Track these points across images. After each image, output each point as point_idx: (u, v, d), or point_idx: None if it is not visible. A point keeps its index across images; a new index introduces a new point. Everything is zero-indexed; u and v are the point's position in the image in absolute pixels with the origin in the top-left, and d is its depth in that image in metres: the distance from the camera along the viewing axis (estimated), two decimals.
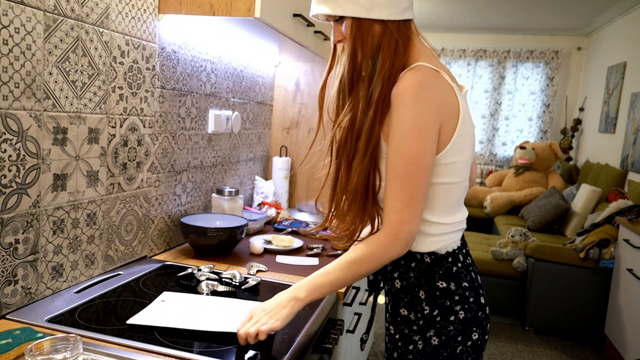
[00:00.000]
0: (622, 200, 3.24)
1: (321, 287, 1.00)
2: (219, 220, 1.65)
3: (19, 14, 0.97)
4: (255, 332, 0.94)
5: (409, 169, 0.94)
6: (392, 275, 1.08)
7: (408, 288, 1.05)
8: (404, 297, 1.06)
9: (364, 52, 1.01)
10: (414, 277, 1.04)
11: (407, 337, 1.05)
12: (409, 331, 1.05)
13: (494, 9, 4.75)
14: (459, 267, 1.05)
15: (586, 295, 3.19)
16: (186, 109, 1.61)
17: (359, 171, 1.02)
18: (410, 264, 1.05)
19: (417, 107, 0.93)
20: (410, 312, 1.05)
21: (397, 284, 1.07)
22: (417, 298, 1.04)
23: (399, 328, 1.07)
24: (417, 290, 1.04)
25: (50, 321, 1.00)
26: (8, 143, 0.97)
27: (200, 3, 1.36)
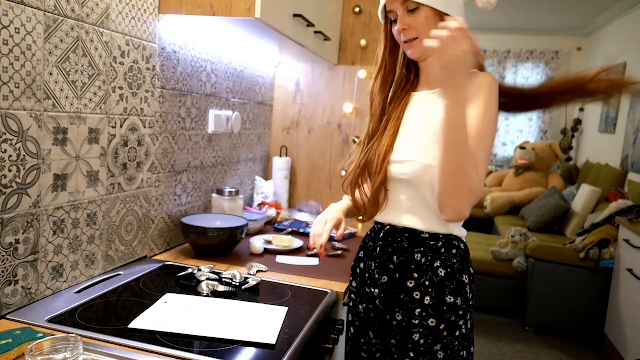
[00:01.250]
0: (622, 200, 3.24)
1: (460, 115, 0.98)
2: (219, 220, 1.65)
3: (19, 14, 0.97)
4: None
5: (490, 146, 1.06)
6: (431, 265, 1.10)
7: (453, 274, 1.10)
8: (450, 284, 1.10)
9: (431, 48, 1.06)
10: (458, 263, 1.12)
11: (454, 324, 1.09)
12: (456, 317, 1.09)
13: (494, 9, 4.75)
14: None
15: (586, 295, 3.19)
16: (186, 109, 1.61)
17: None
18: (451, 250, 1.12)
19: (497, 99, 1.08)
20: (457, 298, 1.10)
21: (440, 272, 1.10)
22: (462, 282, 1.11)
23: (445, 317, 1.09)
24: (461, 274, 1.11)
25: (50, 321, 1.00)
26: (8, 143, 0.97)
27: (200, 3, 1.36)
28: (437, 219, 1.11)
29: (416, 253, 1.12)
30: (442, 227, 1.11)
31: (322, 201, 2.35)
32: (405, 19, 1.09)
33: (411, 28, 1.09)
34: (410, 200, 1.14)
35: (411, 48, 1.12)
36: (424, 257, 1.11)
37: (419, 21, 1.08)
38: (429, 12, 1.07)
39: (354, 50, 2.25)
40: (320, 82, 2.32)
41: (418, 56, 1.13)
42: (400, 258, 1.14)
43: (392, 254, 1.15)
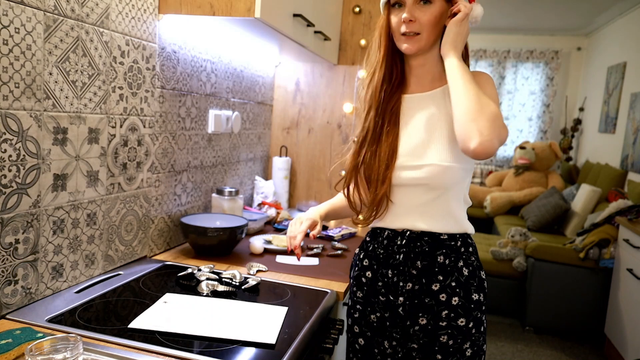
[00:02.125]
0: (622, 200, 3.24)
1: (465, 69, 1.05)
2: (219, 220, 1.65)
3: (19, 14, 0.97)
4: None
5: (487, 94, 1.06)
6: (457, 265, 1.11)
7: (474, 272, 1.12)
8: (473, 282, 1.11)
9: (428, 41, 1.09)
10: (476, 260, 1.14)
11: (480, 321, 1.12)
12: (481, 313, 1.12)
13: (494, 9, 4.75)
14: None
15: (586, 295, 3.19)
16: (186, 109, 1.61)
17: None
18: (468, 249, 1.13)
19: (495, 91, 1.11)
20: (480, 295, 1.12)
21: (464, 271, 1.11)
22: (482, 279, 1.14)
23: (474, 314, 1.10)
24: (480, 271, 1.14)
25: (50, 321, 1.00)
26: (8, 143, 0.97)
27: (200, 3, 1.36)
28: (452, 220, 1.12)
29: (439, 256, 1.11)
30: (457, 227, 1.13)
31: (322, 201, 2.34)
32: (415, 10, 1.06)
33: (417, 22, 1.06)
34: (426, 204, 1.11)
35: (408, 43, 1.08)
36: (447, 258, 1.11)
37: (427, 17, 1.05)
38: (444, 7, 1.06)
39: (354, 50, 2.25)
40: (320, 82, 2.32)
41: (413, 52, 1.09)
42: (423, 262, 1.11)
43: (415, 259, 1.11)
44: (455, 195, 1.13)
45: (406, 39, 1.08)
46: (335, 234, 1.89)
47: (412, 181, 1.11)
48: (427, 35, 1.07)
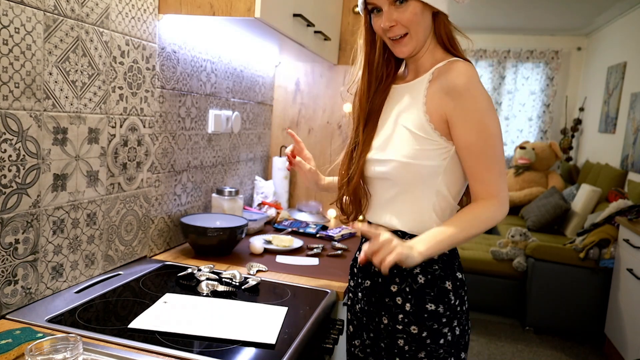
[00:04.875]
0: (622, 200, 3.24)
1: (440, 243, 0.99)
2: (219, 220, 1.65)
3: (19, 14, 0.97)
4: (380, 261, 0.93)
5: (493, 143, 1.03)
6: (411, 272, 1.06)
7: (434, 281, 1.06)
8: (430, 292, 1.06)
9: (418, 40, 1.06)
10: (440, 269, 1.07)
11: (437, 332, 1.05)
12: (439, 325, 1.05)
13: (494, 9, 4.75)
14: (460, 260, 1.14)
15: (586, 295, 3.19)
16: (186, 109, 1.61)
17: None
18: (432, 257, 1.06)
19: (482, 89, 1.03)
20: (439, 306, 1.05)
21: (420, 279, 1.06)
22: (444, 290, 1.06)
23: (427, 325, 1.05)
24: (444, 281, 1.06)
25: (50, 321, 1.00)
26: (8, 143, 0.97)
27: (200, 3, 1.36)
28: (419, 219, 1.08)
29: None
30: (423, 228, 1.05)
31: (322, 201, 2.35)
32: (392, 14, 1.03)
33: (399, 24, 1.03)
34: (392, 199, 1.11)
35: (401, 46, 1.06)
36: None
37: (408, 16, 1.02)
38: (418, 7, 1.01)
39: (354, 50, 2.25)
40: (320, 82, 2.32)
41: (406, 55, 1.08)
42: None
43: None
44: (425, 194, 1.07)
45: (395, 43, 1.07)
46: (335, 234, 1.89)
47: (380, 174, 1.12)
48: (414, 32, 1.04)
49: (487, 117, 1.02)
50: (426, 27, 1.05)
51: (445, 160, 1.05)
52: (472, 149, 1.02)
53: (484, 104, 1.01)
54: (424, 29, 1.05)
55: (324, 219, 2.20)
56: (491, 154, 1.02)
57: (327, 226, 2.02)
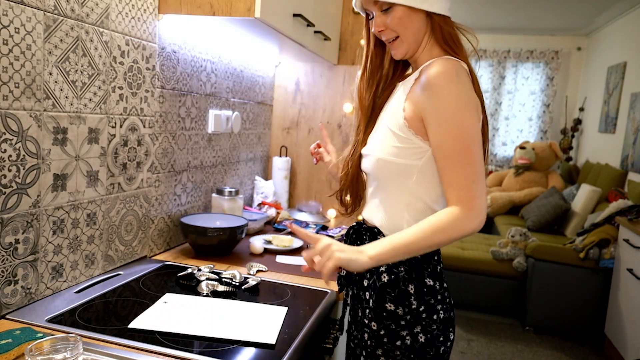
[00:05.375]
0: (622, 200, 3.24)
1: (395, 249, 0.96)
2: (219, 220, 1.65)
3: (19, 14, 0.97)
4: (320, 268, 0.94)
5: (465, 145, 0.96)
6: (378, 270, 1.06)
7: (397, 282, 1.04)
8: (391, 292, 1.05)
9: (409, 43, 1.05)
10: (405, 272, 1.04)
11: (394, 333, 1.04)
12: (396, 326, 1.04)
13: (494, 9, 4.75)
14: (441, 266, 1.09)
15: (586, 295, 3.19)
16: (186, 109, 1.61)
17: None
18: None
19: (457, 87, 0.97)
20: (398, 307, 1.04)
21: (384, 277, 1.06)
22: (406, 293, 1.04)
23: (385, 324, 1.05)
24: (407, 284, 1.04)
25: (50, 321, 1.00)
26: (8, 143, 0.97)
27: (200, 3, 1.36)
28: (391, 218, 1.07)
29: None
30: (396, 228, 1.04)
31: (322, 201, 2.35)
32: (380, 19, 1.05)
33: (388, 29, 1.05)
34: (372, 195, 1.13)
35: (394, 49, 1.08)
36: None
37: (393, 21, 1.03)
38: (403, 10, 1.02)
39: (354, 50, 2.25)
40: (320, 82, 2.32)
41: (401, 57, 1.08)
42: None
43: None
44: (399, 193, 1.06)
45: (390, 45, 1.09)
46: (335, 234, 1.89)
47: (364, 169, 1.15)
48: (404, 36, 1.05)
49: (459, 116, 0.96)
50: (417, 29, 1.04)
51: (419, 160, 1.03)
52: (442, 150, 0.98)
53: (457, 103, 0.96)
54: (413, 32, 1.04)
55: (324, 219, 2.20)
56: (463, 157, 0.96)
57: (327, 226, 2.02)
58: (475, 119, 0.98)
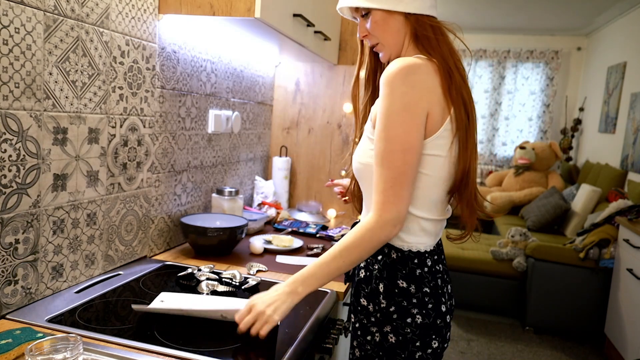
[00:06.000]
0: (622, 200, 3.24)
1: (318, 279, 1.00)
2: (219, 220, 1.65)
3: (19, 14, 0.97)
4: (256, 332, 0.95)
5: (390, 149, 0.94)
6: (359, 265, 1.10)
7: (370, 279, 1.06)
8: (365, 288, 1.07)
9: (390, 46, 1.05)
10: (377, 270, 1.05)
11: (366, 328, 1.06)
12: (367, 322, 1.06)
13: (494, 9, 4.75)
14: (424, 271, 1.04)
15: (586, 295, 3.19)
16: (186, 109, 1.61)
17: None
18: (377, 256, 1.06)
19: (401, 89, 0.94)
20: (369, 304, 1.06)
21: (361, 273, 1.09)
22: (375, 290, 1.05)
23: (359, 317, 1.08)
24: (377, 282, 1.05)
25: (50, 321, 1.00)
26: (8, 143, 0.97)
27: (200, 3, 1.36)
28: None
29: None
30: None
31: (322, 201, 2.35)
32: (362, 24, 1.06)
33: (370, 34, 1.06)
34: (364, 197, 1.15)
35: (379, 53, 1.10)
36: None
37: (372, 26, 1.04)
38: (379, 14, 1.02)
39: (354, 50, 2.25)
40: (320, 82, 2.32)
41: (386, 61, 1.08)
42: None
43: None
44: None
45: (375, 49, 1.10)
46: (335, 234, 1.89)
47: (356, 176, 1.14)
48: (383, 40, 1.05)
49: (392, 119, 0.94)
50: (395, 31, 1.03)
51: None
52: (374, 149, 0.97)
53: (394, 105, 0.94)
54: (392, 35, 1.04)
55: (324, 219, 2.20)
56: (385, 160, 0.94)
57: (327, 226, 2.02)
58: (413, 123, 0.94)
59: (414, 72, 0.94)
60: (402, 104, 0.94)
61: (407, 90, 0.94)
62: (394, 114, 0.94)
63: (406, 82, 0.94)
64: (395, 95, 0.94)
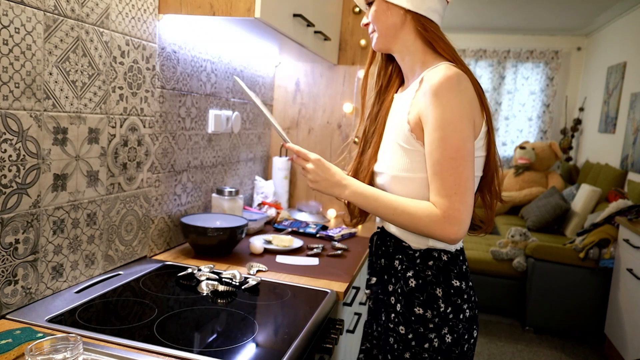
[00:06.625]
0: (622, 200, 3.24)
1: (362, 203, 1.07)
2: (219, 220, 1.65)
3: (19, 14, 0.97)
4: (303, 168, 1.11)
5: (451, 155, 0.96)
6: (404, 275, 1.08)
7: (425, 286, 1.06)
8: (420, 296, 1.06)
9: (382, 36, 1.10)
10: (432, 276, 1.06)
11: (423, 336, 1.05)
12: (425, 329, 1.05)
13: (494, 9, 4.75)
14: (467, 265, 1.11)
15: (586, 295, 3.19)
16: (186, 109, 1.61)
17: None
18: (427, 262, 1.07)
19: (454, 98, 0.97)
20: (427, 311, 1.05)
21: (411, 282, 1.07)
22: (434, 296, 1.05)
23: (414, 327, 1.06)
24: (435, 288, 1.05)
25: (50, 321, 1.00)
26: (8, 143, 0.97)
27: (200, 3, 1.36)
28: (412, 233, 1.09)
29: (396, 259, 1.12)
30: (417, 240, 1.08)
31: (322, 201, 2.35)
32: (367, 13, 1.13)
33: (370, 22, 1.12)
34: None
35: (372, 41, 1.15)
36: (401, 264, 1.10)
37: (372, 14, 1.10)
38: (380, 4, 1.08)
39: (354, 50, 2.25)
40: (320, 82, 2.32)
41: (377, 49, 1.15)
42: (386, 262, 1.15)
43: (380, 257, 1.17)
44: None
45: (370, 37, 1.16)
46: (335, 234, 1.89)
47: (380, 186, 1.14)
48: (378, 28, 1.10)
49: (452, 127, 0.96)
50: (390, 24, 1.08)
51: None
52: (432, 156, 0.98)
53: (453, 113, 0.96)
54: (387, 26, 1.09)
55: (324, 219, 2.20)
56: (448, 167, 0.96)
57: (327, 226, 2.02)
58: (468, 132, 0.98)
59: (461, 82, 0.98)
60: (459, 112, 0.97)
61: (462, 98, 0.97)
62: (453, 122, 0.96)
63: (459, 89, 0.98)
64: (452, 103, 0.97)
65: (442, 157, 0.97)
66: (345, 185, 1.08)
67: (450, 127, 0.96)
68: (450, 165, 0.96)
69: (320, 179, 1.09)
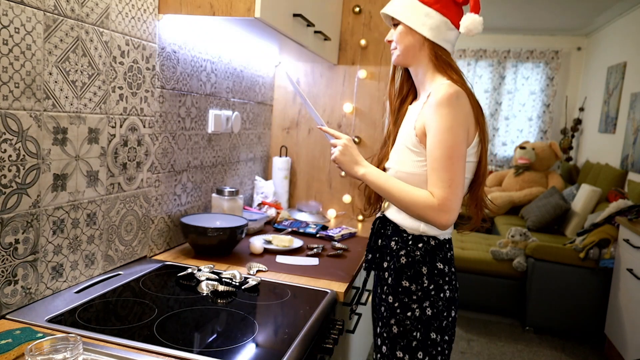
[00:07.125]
0: (622, 200, 3.24)
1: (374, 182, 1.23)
2: (219, 220, 1.65)
3: (19, 14, 0.97)
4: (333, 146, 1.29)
5: (448, 154, 1.14)
6: (398, 253, 1.26)
7: (413, 264, 1.24)
8: (408, 271, 1.24)
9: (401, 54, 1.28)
10: (420, 256, 1.24)
11: (407, 305, 1.24)
12: (409, 300, 1.24)
13: (494, 9, 4.75)
14: (452, 254, 1.30)
15: (586, 295, 3.18)
16: (186, 109, 1.61)
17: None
18: (417, 244, 1.25)
19: (454, 110, 1.15)
20: (412, 284, 1.24)
21: (402, 260, 1.25)
22: (420, 273, 1.24)
23: (400, 297, 1.24)
24: (421, 266, 1.24)
25: (50, 321, 1.00)
26: (8, 143, 0.97)
27: (200, 3, 1.36)
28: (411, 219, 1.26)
29: (392, 240, 1.28)
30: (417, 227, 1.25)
31: (322, 201, 2.35)
32: (392, 31, 1.31)
33: (394, 40, 1.30)
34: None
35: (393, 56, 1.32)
36: (397, 245, 1.27)
37: (396, 35, 1.28)
38: (404, 28, 1.26)
39: (354, 50, 2.25)
40: (320, 82, 2.32)
41: (395, 63, 1.33)
42: (383, 242, 1.33)
43: (378, 238, 1.35)
44: None
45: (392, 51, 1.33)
46: (335, 234, 1.89)
47: None
48: (399, 47, 1.28)
49: (447, 133, 1.14)
50: (411, 46, 1.26)
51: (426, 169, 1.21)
52: (432, 155, 1.16)
53: (450, 122, 1.14)
54: (407, 47, 1.27)
55: (324, 219, 2.20)
56: (445, 164, 1.13)
57: (327, 226, 2.02)
58: (462, 138, 1.16)
59: (460, 97, 1.17)
60: (455, 121, 1.15)
61: (459, 111, 1.16)
62: (450, 129, 1.14)
63: (455, 105, 1.16)
64: (451, 114, 1.15)
65: (440, 155, 1.15)
66: (364, 165, 1.27)
67: (448, 132, 1.14)
68: (447, 163, 1.14)
69: (347, 154, 1.27)
